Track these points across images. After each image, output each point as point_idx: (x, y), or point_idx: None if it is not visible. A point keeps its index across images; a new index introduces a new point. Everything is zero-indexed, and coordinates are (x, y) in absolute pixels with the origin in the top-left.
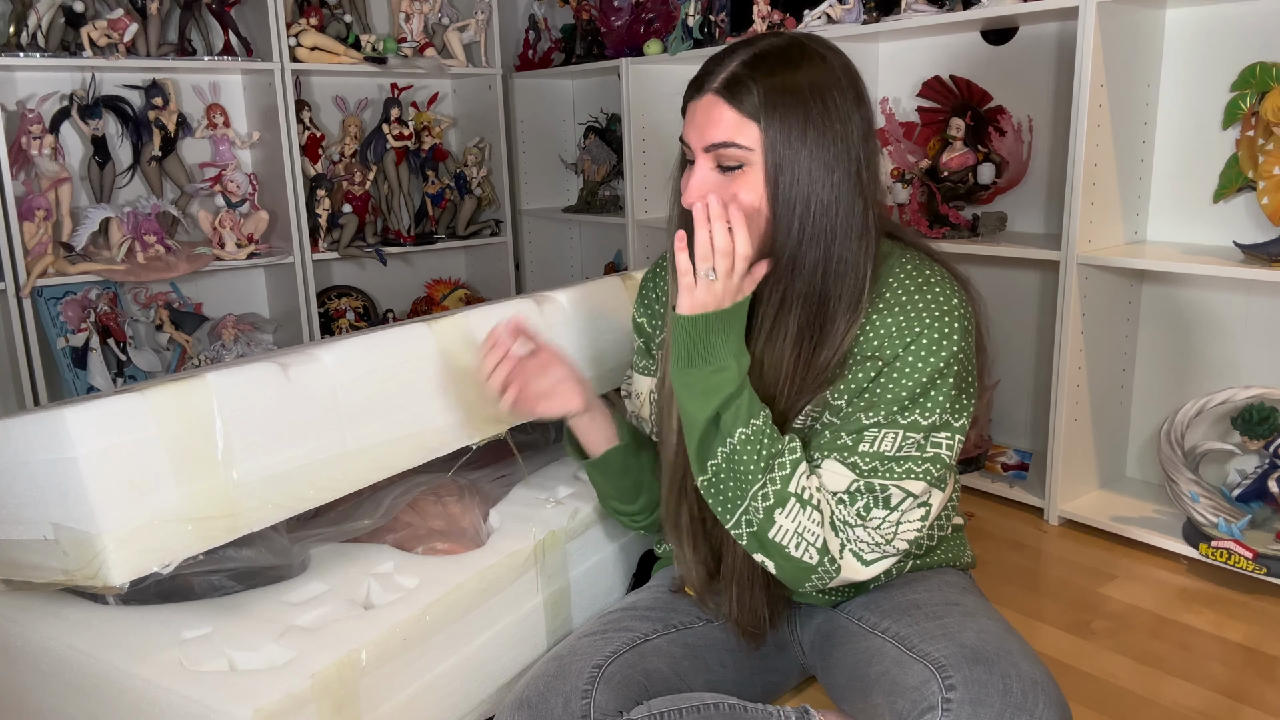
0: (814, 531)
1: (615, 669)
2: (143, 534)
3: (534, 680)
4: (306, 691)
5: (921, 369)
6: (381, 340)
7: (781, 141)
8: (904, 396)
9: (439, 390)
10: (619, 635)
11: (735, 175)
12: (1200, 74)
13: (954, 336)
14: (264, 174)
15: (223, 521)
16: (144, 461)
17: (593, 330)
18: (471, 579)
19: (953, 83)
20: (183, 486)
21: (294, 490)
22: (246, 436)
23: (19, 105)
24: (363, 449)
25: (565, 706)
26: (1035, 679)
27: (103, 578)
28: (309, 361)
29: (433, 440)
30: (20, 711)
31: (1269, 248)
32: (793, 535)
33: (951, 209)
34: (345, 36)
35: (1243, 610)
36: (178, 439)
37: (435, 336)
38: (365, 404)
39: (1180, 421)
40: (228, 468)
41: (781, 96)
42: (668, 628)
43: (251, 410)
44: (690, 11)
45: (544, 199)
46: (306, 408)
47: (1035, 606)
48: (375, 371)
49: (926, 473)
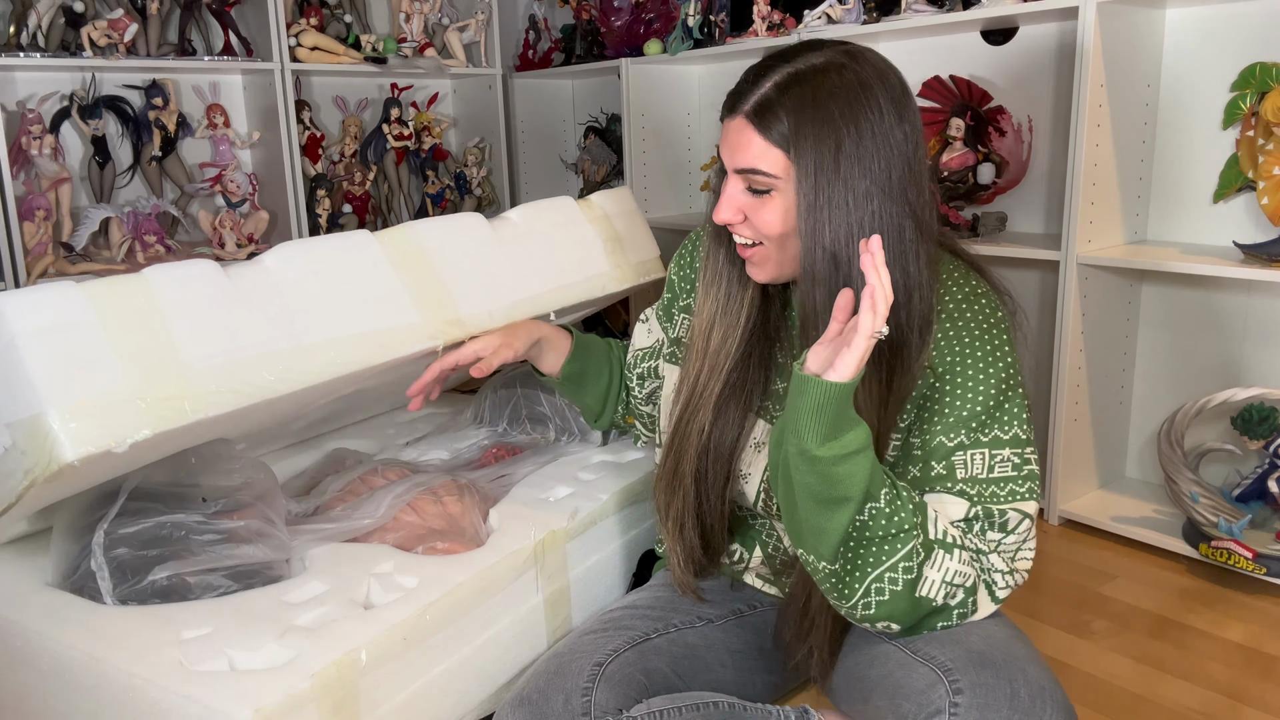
0: (964, 573)
1: (615, 667)
2: (91, 410)
3: (534, 678)
4: (306, 691)
5: (986, 383)
6: (323, 244)
7: (813, 171)
8: (979, 412)
9: (390, 293)
10: (619, 634)
11: (764, 199)
12: (1200, 74)
13: (1005, 348)
14: (264, 174)
15: (176, 403)
16: (84, 342)
17: (548, 245)
18: (471, 579)
19: (953, 83)
20: (129, 366)
21: (251, 378)
22: (192, 321)
23: (19, 105)
24: (318, 343)
25: (566, 704)
26: (1043, 684)
27: (57, 459)
28: (249, 265)
29: (393, 340)
30: (20, 711)
31: (1269, 248)
32: (941, 585)
33: (951, 209)
34: (345, 36)
35: (1243, 610)
36: (119, 323)
37: (380, 244)
38: (314, 302)
39: (1180, 421)
40: (175, 350)
41: (812, 126)
42: (668, 627)
43: (194, 301)
44: (690, 11)
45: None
46: (252, 302)
47: (1035, 606)
48: (319, 274)
49: (1030, 491)
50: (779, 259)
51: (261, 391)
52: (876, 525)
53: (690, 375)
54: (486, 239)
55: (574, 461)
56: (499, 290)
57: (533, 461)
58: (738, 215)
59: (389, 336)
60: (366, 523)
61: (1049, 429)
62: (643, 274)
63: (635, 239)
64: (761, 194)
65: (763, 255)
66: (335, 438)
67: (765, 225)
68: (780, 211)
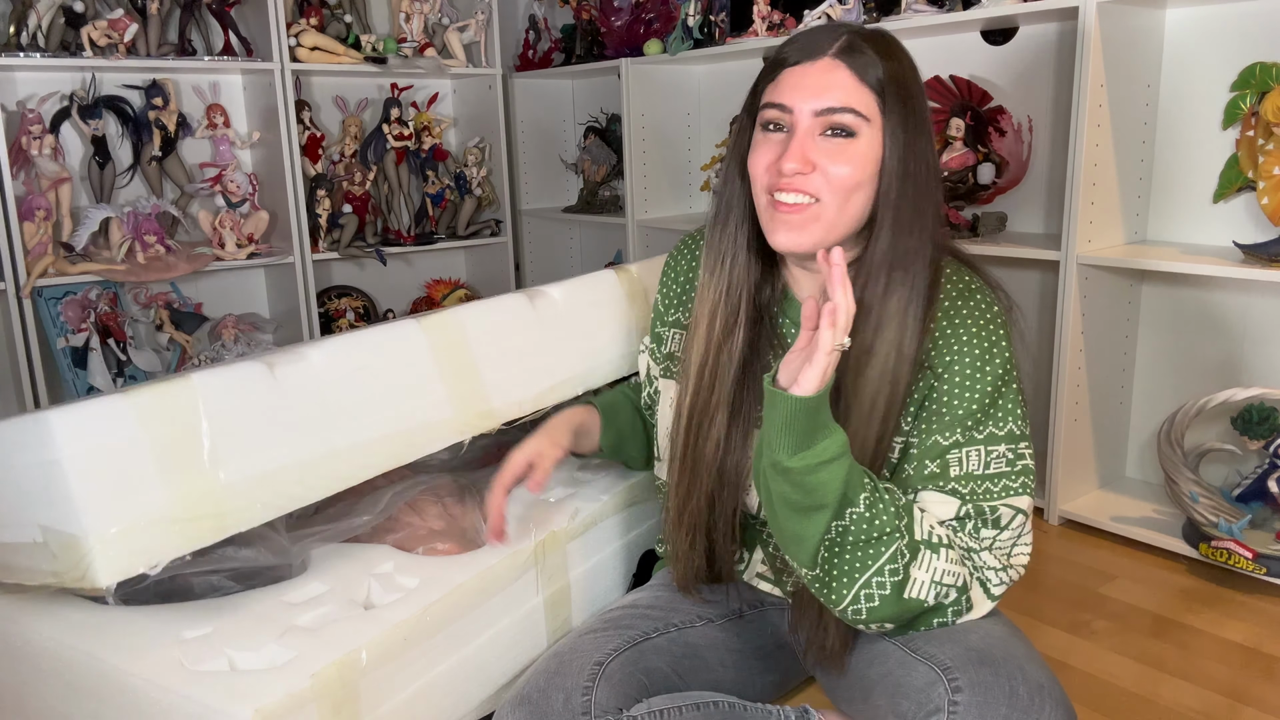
0: (953, 572)
1: (616, 666)
2: (129, 535)
3: (535, 676)
4: (306, 691)
5: (981, 379)
6: (370, 338)
7: (898, 121)
8: (974, 410)
9: (428, 388)
10: (620, 633)
11: (844, 144)
12: (1200, 74)
13: (1001, 344)
14: (264, 174)
15: (210, 522)
16: (129, 463)
17: (586, 324)
18: (471, 579)
19: (953, 83)
20: (169, 487)
21: (283, 489)
22: (233, 436)
23: (19, 105)
24: (352, 447)
25: (566, 703)
26: (1041, 683)
27: (90, 579)
28: (296, 360)
29: (422, 437)
30: (20, 711)
31: (1269, 248)
32: (930, 586)
33: (951, 209)
34: (345, 36)
35: (1243, 610)
36: (163, 440)
37: (425, 333)
38: (353, 402)
39: (1180, 421)
40: (214, 468)
41: (898, 77)
42: (668, 626)
43: (238, 410)
44: (690, 11)
45: (544, 199)
46: (294, 407)
47: (1035, 606)
48: (364, 369)
49: (1024, 486)
50: (832, 220)
51: (291, 502)
52: (857, 530)
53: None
54: (526, 320)
55: (574, 462)
56: (533, 377)
57: None
58: (808, 164)
59: (420, 433)
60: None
61: (1049, 429)
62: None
63: None
64: (843, 138)
65: (814, 214)
66: None
67: (838, 175)
68: (859, 159)
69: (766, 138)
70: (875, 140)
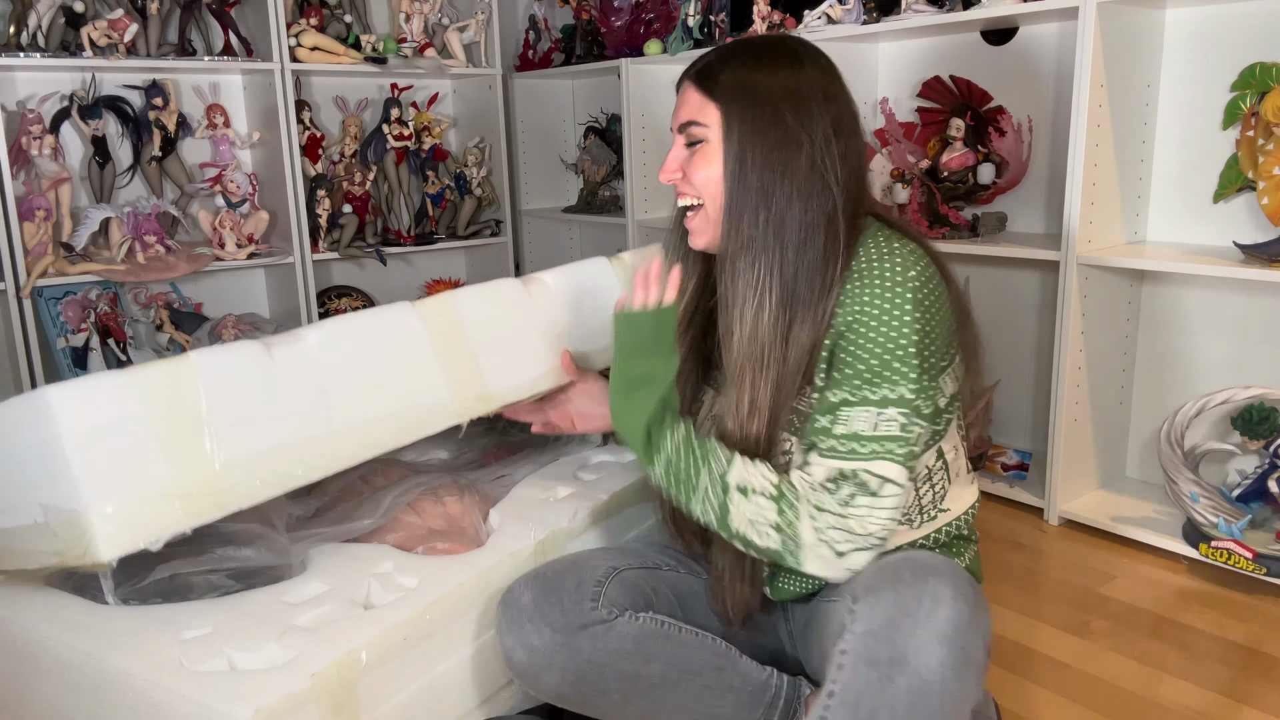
0: (767, 517)
1: (629, 575)
2: (130, 510)
3: (552, 563)
4: (306, 691)
5: (879, 339)
6: (366, 320)
7: (741, 128)
8: (863, 370)
9: (425, 370)
10: (636, 556)
11: (699, 151)
12: (1200, 74)
13: (907, 308)
14: (264, 174)
15: (210, 499)
16: (129, 439)
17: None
18: (472, 579)
19: (953, 83)
20: (169, 464)
21: (281, 468)
22: (232, 415)
23: (19, 105)
24: (350, 427)
25: (578, 587)
26: (930, 564)
27: (92, 555)
28: (293, 342)
29: (420, 419)
30: (20, 711)
31: (1269, 248)
32: (749, 524)
33: (951, 209)
34: (345, 36)
35: (1243, 610)
36: (162, 417)
37: (421, 317)
38: (351, 383)
39: (1180, 421)
40: (214, 445)
41: (745, 87)
42: (680, 567)
43: (236, 389)
44: (690, 11)
45: (544, 199)
46: (291, 387)
47: (1035, 606)
48: (359, 351)
49: (896, 454)
50: (716, 217)
51: (290, 481)
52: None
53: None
54: (521, 305)
55: (574, 461)
56: (528, 362)
57: (533, 461)
58: (677, 171)
59: (419, 416)
60: (366, 523)
61: (1049, 429)
62: None
63: None
64: (696, 145)
65: (703, 216)
66: None
67: (700, 179)
68: (708, 160)
69: None
70: (719, 145)
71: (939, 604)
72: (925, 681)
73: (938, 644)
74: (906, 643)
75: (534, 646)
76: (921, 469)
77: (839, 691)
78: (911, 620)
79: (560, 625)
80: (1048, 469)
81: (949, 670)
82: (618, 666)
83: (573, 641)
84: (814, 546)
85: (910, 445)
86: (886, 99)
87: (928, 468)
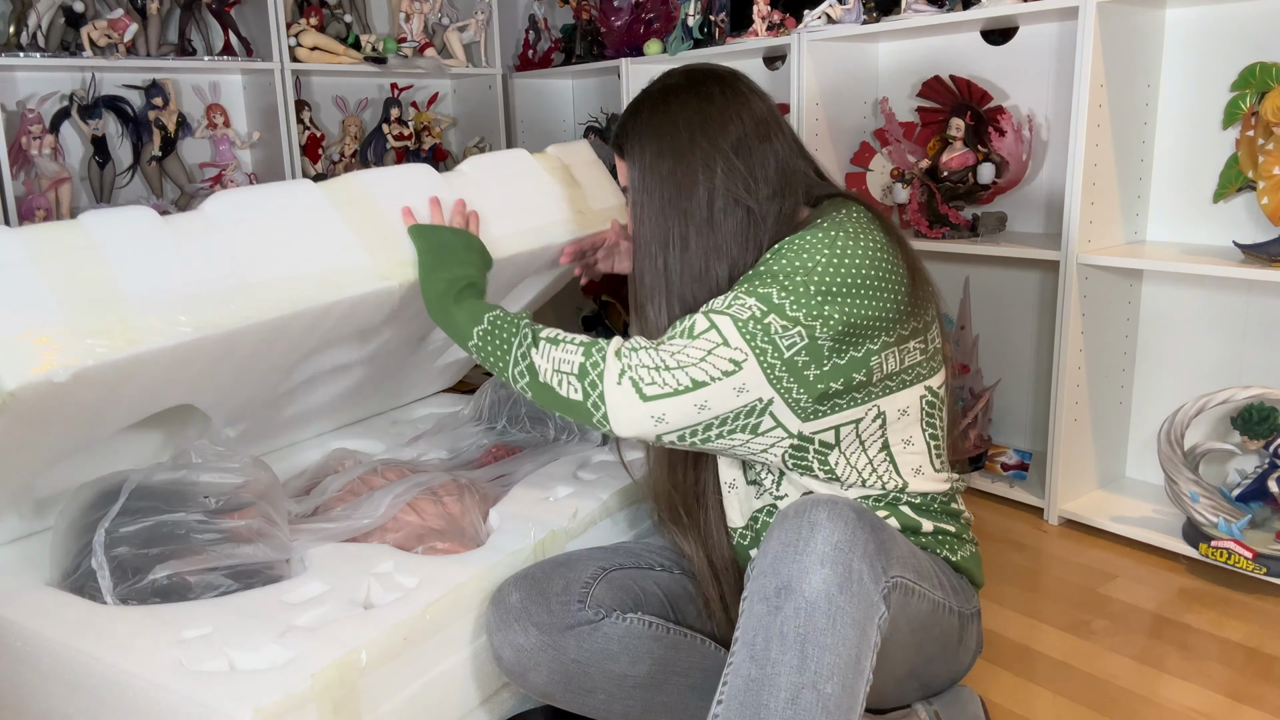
0: (569, 361)
1: (619, 576)
2: (30, 343)
3: (541, 564)
4: (306, 691)
5: (781, 264)
6: (263, 190)
7: (639, 174)
8: (752, 275)
9: (334, 233)
10: (631, 556)
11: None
12: (1200, 74)
13: (820, 245)
14: (264, 174)
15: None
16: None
17: (503, 194)
18: (471, 579)
19: (953, 83)
20: (67, 301)
21: (195, 314)
22: (130, 260)
23: (19, 105)
24: (264, 282)
25: (565, 589)
26: (813, 500)
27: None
28: (187, 214)
29: (343, 280)
30: (20, 711)
31: (1269, 248)
32: (554, 372)
33: (951, 209)
34: (345, 36)
35: (1243, 610)
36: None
37: (322, 190)
38: (256, 244)
39: (1180, 421)
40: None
41: (640, 136)
42: (675, 568)
43: (132, 242)
44: (690, 11)
45: None
46: (192, 244)
47: (1035, 606)
48: (261, 218)
49: (746, 329)
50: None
51: (206, 328)
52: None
53: None
54: (436, 187)
55: (574, 461)
56: None
57: (533, 461)
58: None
59: (339, 277)
60: (366, 523)
61: (1049, 429)
62: (606, 219)
63: (597, 187)
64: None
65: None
66: (335, 438)
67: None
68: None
69: None
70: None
71: (816, 529)
72: (810, 603)
73: (818, 565)
74: (789, 570)
75: (521, 646)
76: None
77: (740, 635)
78: (792, 550)
79: (546, 625)
80: (1048, 469)
81: (834, 587)
82: (604, 667)
83: (559, 642)
84: (617, 389)
85: (756, 323)
86: (886, 99)
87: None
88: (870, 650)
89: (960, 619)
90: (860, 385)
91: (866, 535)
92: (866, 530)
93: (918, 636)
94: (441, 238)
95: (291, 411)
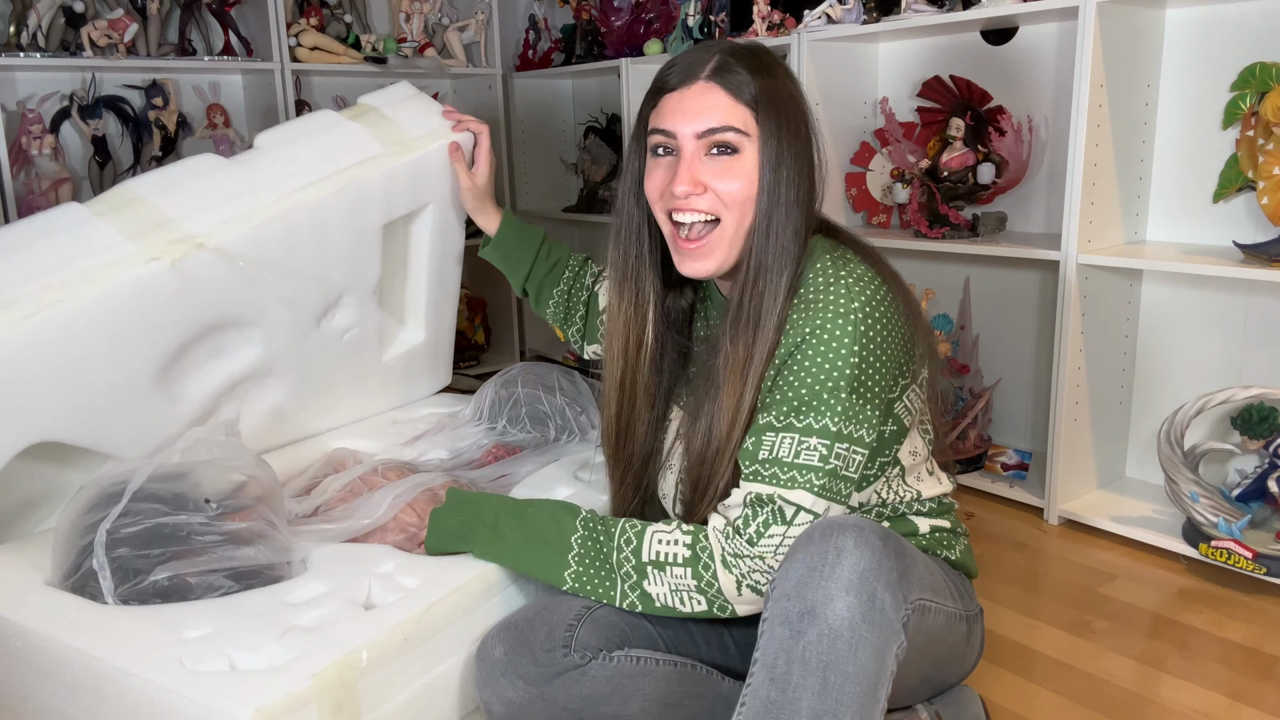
0: (686, 583)
1: (603, 613)
2: None
3: (524, 609)
4: (306, 691)
5: (813, 371)
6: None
7: (772, 131)
8: (792, 398)
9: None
10: None
11: (730, 161)
12: (1200, 74)
13: (846, 341)
14: None
15: None
16: None
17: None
18: (472, 579)
19: (953, 83)
20: None
21: None
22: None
23: (19, 105)
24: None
25: (549, 635)
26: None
27: None
28: None
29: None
30: (20, 711)
31: (1269, 248)
32: (671, 595)
33: (951, 209)
34: (345, 36)
35: (1243, 610)
36: None
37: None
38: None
39: (1180, 421)
40: None
41: (771, 91)
42: None
43: None
44: (690, 11)
45: (544, 199)
46: None
47: (1035, 606)
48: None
49: (825, 490)
50: (732, 236)
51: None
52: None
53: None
54: (217, 168)
55: (574, 461)
56: (237, 201)
57: (533, 461)
58: (698, 185)
59: (101, 271)
60: (366, 523)
61: (1049, 429)
62: (430, 142)
63: (415, 115)
64: (728, 155)
65: (717, 237)
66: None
67: (729, 191)
68: (746, 173)
69: (657, 162)
70: (755, 153)
71: (842, 555)
72: (833, 629)
73: (843, 592)
74: (814, 596)
75: (509, 700)
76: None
77: (760, 657)
78: (818, 575)
79: (533, 677)
80: (1048, 469)
81: (856, 616)
82: (595, 711)
83: (547, 693)
84: (739, 594)
85: (829, 475)
86: (886, 99)
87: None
88: (887, 680)
89: (967, 622)
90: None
91: (891, 562)
92: (891, 557)
93: (932, 648)
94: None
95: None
